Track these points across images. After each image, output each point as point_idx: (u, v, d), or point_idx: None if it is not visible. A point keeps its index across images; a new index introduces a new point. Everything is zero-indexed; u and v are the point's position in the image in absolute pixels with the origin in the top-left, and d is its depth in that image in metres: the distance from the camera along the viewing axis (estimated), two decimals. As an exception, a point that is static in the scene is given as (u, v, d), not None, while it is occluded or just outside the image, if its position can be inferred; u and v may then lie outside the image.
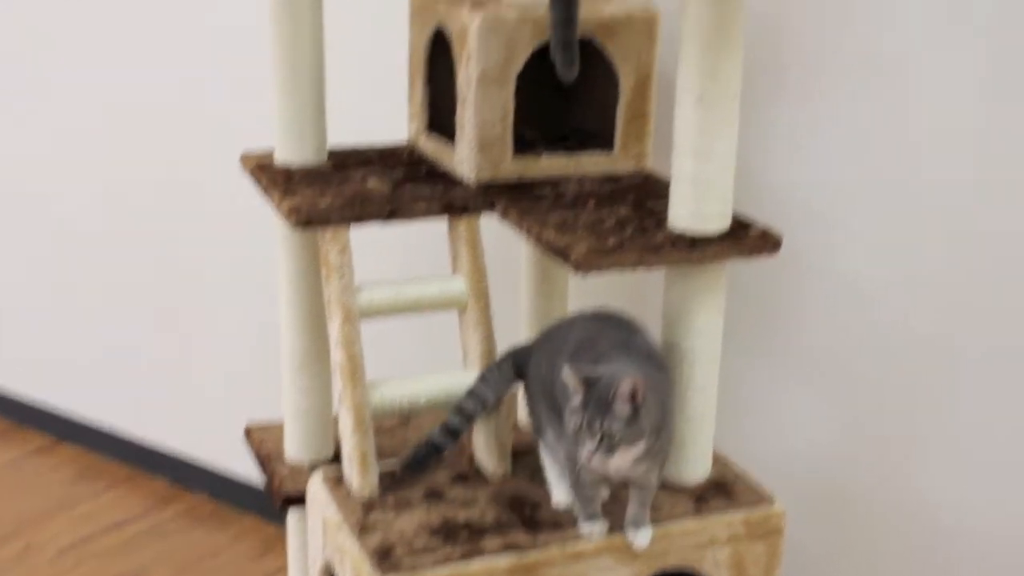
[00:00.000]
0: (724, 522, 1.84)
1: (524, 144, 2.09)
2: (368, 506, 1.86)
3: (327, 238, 1.93)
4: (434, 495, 1.89)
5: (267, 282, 2.31)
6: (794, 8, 2.13)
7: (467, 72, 1.99)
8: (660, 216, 1.85)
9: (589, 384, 1.59)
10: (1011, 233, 2.02)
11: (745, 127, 2.06)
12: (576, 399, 1.61)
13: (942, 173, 2.06)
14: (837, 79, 2.12)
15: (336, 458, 2.10)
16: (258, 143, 2.21)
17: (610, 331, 1.77)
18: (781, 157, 2.20)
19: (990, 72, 1.98)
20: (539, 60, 1.96)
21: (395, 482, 1.91)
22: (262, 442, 2.23)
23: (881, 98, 2.09)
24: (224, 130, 2.84)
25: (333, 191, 2.00)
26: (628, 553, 1.76)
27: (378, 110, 2.38)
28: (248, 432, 2.27)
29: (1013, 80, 1.96)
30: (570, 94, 2.13)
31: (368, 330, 1.95)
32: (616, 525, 1.76)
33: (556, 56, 1.81)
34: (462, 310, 1.98)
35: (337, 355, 1.90)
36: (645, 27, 2.03)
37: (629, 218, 1.87)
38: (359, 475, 1.89)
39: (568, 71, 1.82)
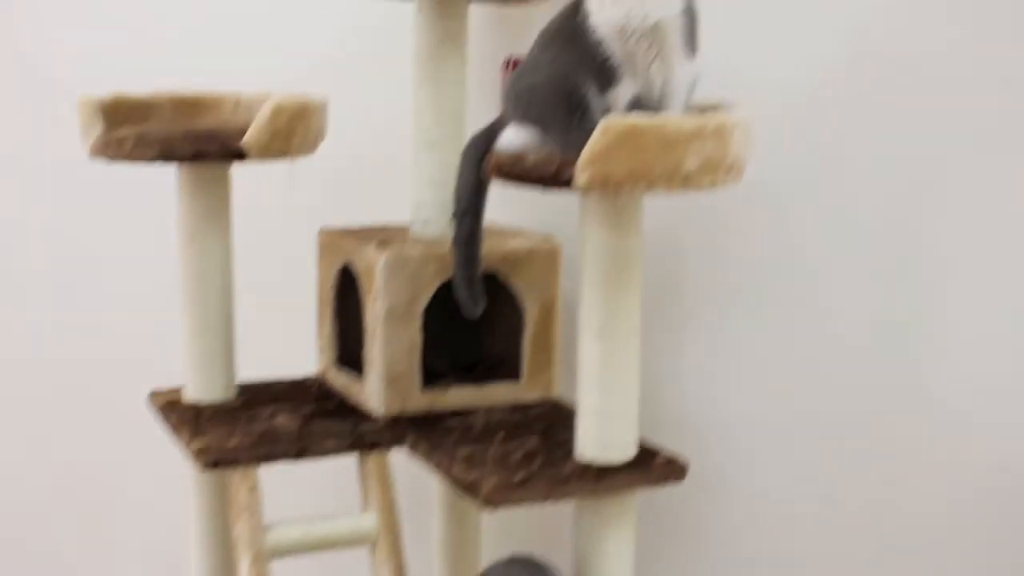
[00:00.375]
0: None
1: (432, 374, 2.11)
2: None
3: (236, 478, 1.92)
4: None
5: (175, 523, 2.27)
6: (694, 237, 2.21)
7: (374, 308, 2.02)
8: (568, 446, 1.87)
9: None
10: (908, 450, 2.07)
11: (650, 352, 2.10)
12: None
13: (839, 394, 2.12)
14: (738, 304, 2.19)
15: None
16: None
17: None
18: (688, 380, 2.25)
19: (878, 303, 2.07)
20: (446, 291, 2.01)
21: None
22: None
23: (781, 322, 2.16)
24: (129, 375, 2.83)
25: (242, 429, 1.99)
26: None
27: (288, 343, 2.40)
28: None
29: (899, 311, 2.05)
30: (477, 324, 2.17)
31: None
32: None
33: (460, 294, 1.86)
34: (373, 545, 1.97)
35: (246, 598, 1.86)
36: (548, 260, 2.09)
37: (537, 450, 1.88)
38: None
39: (472, 308, 1.87)
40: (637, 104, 1.66)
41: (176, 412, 2.10)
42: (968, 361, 2.04)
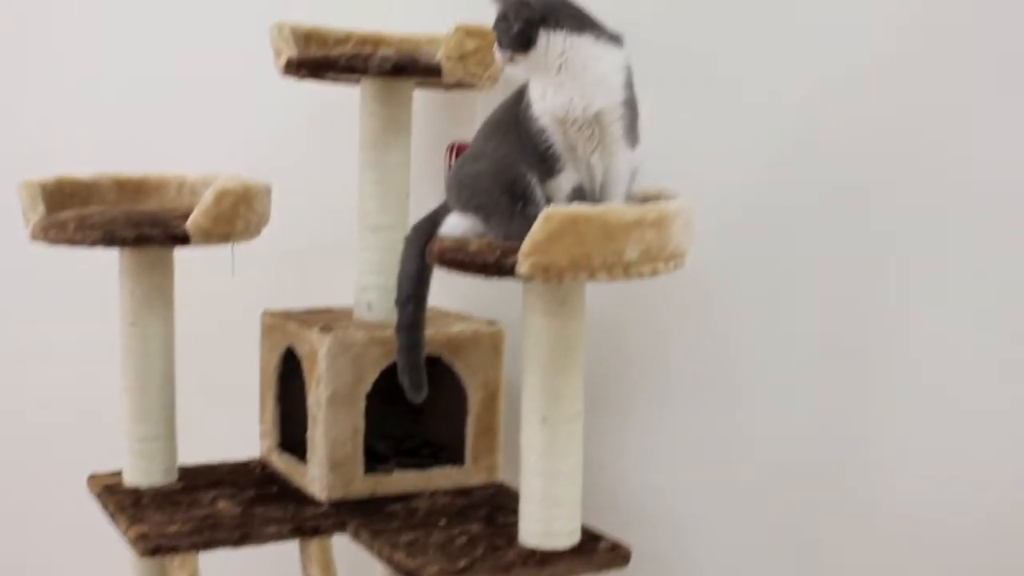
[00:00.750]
0: None
1: (376, 458, 2.10)
2: None
3: (175, 564, 1.89)
4: None
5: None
6: (634, 322, 2.23)
7: (317, 392, 2.01)
8: (511, 532, 1.86)
9: None
10: (852, 527, 2.08)
11: (592, 435, 2.11)
12: None
13: (781, 476, 2.13)
14: (679, 388, 2.21)
15: None
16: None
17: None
18: (630, 463, 2.25)
19: (817, 388, 2.09)
20: (389, 375, 2.00)
21: None
22: None
23: (723, 405, 2.17)
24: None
25: (182, 515, 1.96)
26: None
27: (231, 425, 2.38)
28: None
29: (837, 396, 2.07)
30: (420, 407, 2.16)
31: None
32: None
33: (404, 379, 1.85)
34: (315, 634, 1.95)
35: None
36: (491, 344, 2.10)
37: (480, 535, 1.88)
38: None
39: (416, 393, 1.86)
40: (579, 193, 1.68)
41: (115, 497, 2.07)
42: (908, 447, 2.06)
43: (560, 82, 1.65)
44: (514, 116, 1.72)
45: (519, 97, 1.73)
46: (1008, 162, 1.92)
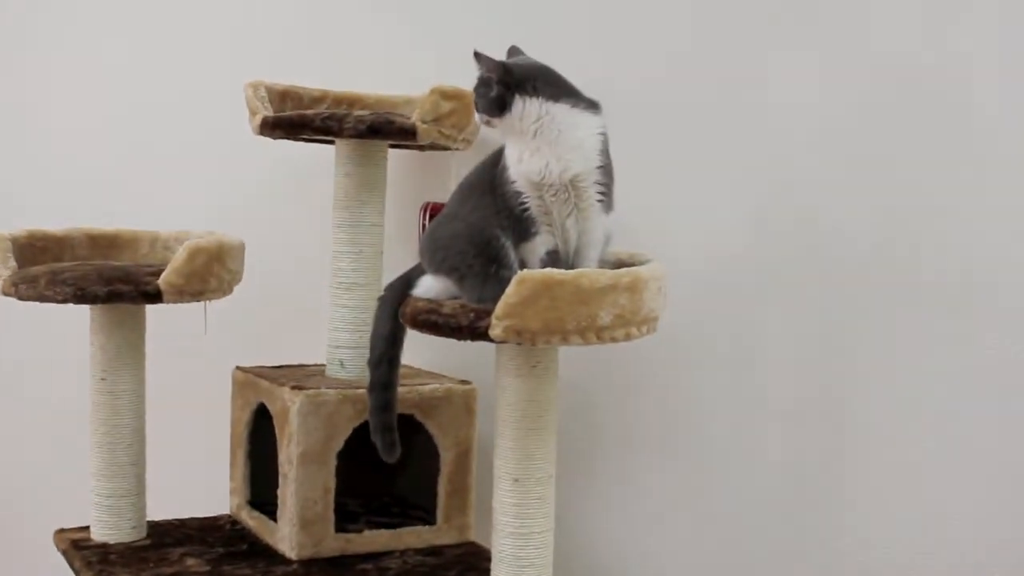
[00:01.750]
0: None
1: (346, 516, 2.10)
2: None
3: (142, 624, 1.88)
4: None
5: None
6: (609, 382, 2.24)
7: (288, 450, 2.01)
8: (482, 593, 1.86)
9: None
10: (822, 569, 2.09)
11: (562, 496, 2.11)
12: None
13: (750, 537, 2.14)
14: (649, 449, 2.22)
15: None
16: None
17: None
18: (600, 524, 2.26)
19: (788, 452, 2.10)
20: (361, 433, 2.00)
21: None
22: None
23: (693, 464, 2.18)
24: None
25: (150, 572, 1.95)
26: None
27: (200, 482, 2.37)
28: None
29: (808, 460, 2.08)
30: (392, 466, 2.15)
31: None
32: None
33: (376, 440, 1.85)
34: None
35: None
36: (464, 403, 2.10)
37: (451, 597, 1.87)
38: None
39: (389, 453, 1.86)
40: (553, 257, 1.69)
41: (81, 552, 2.05)
42: (877, 505, 2.07)
43: (536, 147, 1.66)
44: (490, 179, 1.73)
45: (495, 160, 1.74)
46: (977, 231, 1.95)
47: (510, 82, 1.67)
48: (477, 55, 1.68)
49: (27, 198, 2.64)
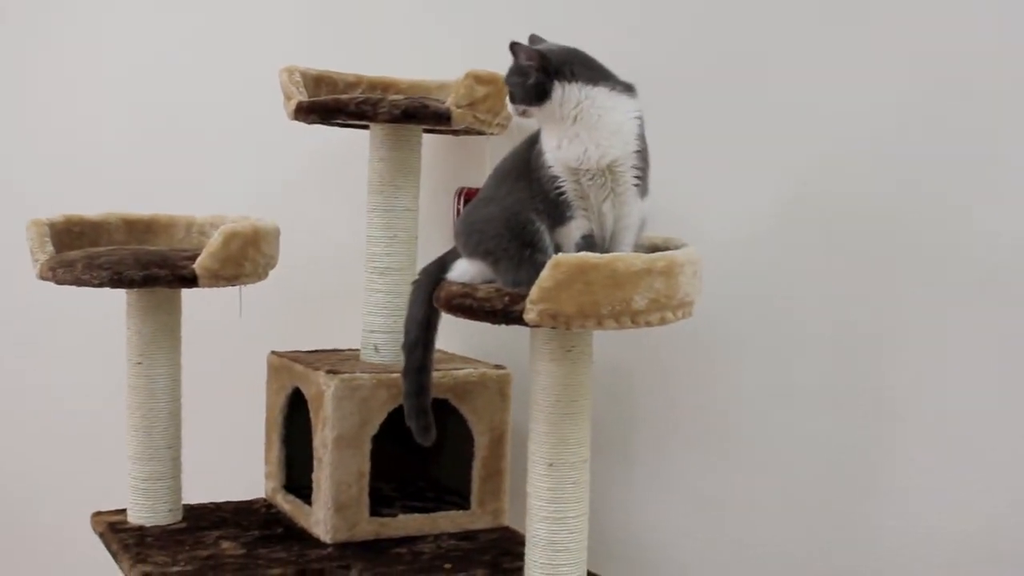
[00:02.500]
0: None
1: (381, 500, 2.10)
2: None
3: (179, 605, 1.89)
4: None
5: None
6: (642, 368, 2.23)
7: (323, 434, 2.01)
8: (517, 577, 1.87)
9: None
10: (857, 561, 2.08)
11: (599, 480, 2.11)
12: None
13: (787, 525, 2.13)
14: (686, 434, 2.21)
15: None
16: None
17: None
18: (636, 509, 2.25)
19: (824, 436, 2.09)
20: (395, 417, 2.01)
21: None
22: None
23: (727, 449, 2.18)
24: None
25: (186, 555, 1.96)
26: None
27: (235, 465, 2.38)
28: None
29: (843, 447, 2.07)
30: (426, 450, 2.16)
31: None
32: None
33: (411, 423, 1.85)
34: (318, 678, 1.94)
35: None
36: (498, 387, 2.10)
37: (486, 580, 1.88)
38: None
39: (424, 437, 1.86)
40: (588, 241, 1.68)
41: (118, 535, 2.07)
42: (912, 497, 2.06)
43: (575, 132, 1.65)
44: (525, 163, 1.73)
45: (531, 144, 1.73)
46: (1006, 226, 1.94)
47: (549, 69, 1.66)
48: (514, 45, 1.67)
49: (64, 183, 2.66)
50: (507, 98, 1.71)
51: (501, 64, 1.71)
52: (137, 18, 2.65)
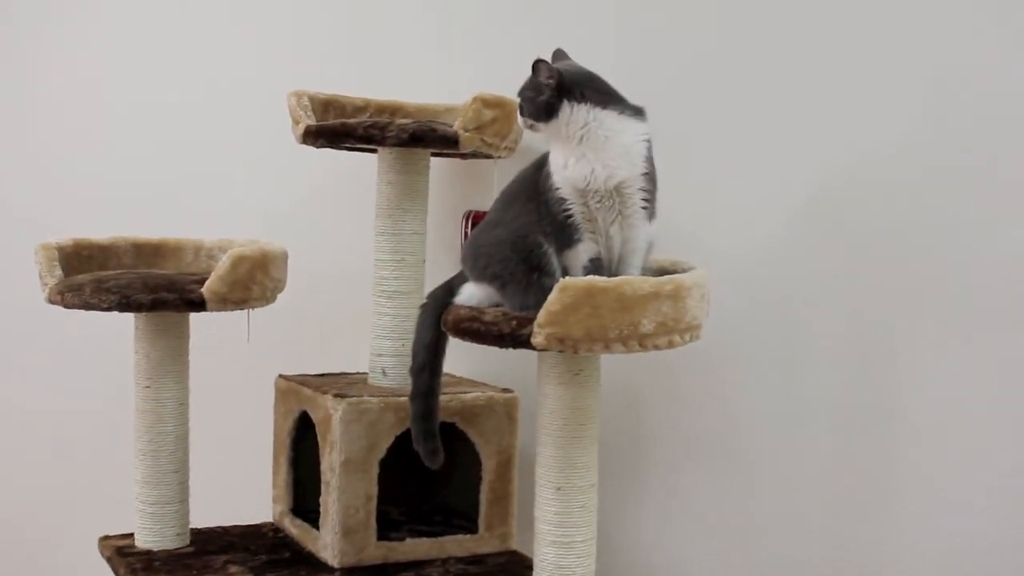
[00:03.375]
0: None
1: (388, 524, 2.10)
2: None
3: (186, 631, 1.89)
4: None
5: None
6: (651, 389, 2.23)
7: (331, 458, 2.01)
8: (524, 603, 1.86)
9: None
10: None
11: (608, 502, 2.10)
12: None
13: (796, 545, 2.12)
14: (695, 455, 2.20)
15: None
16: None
17: None
18: (645, 531, 2.25)
19: (831, 458, 2.08)
20: (403, 441, 2.00)
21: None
22: None
23: (735, 472, 2.17)
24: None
25: (193, 580, 1.96)
26: None
27: (243, 489, 2.38)
28: None
29: (853, 467, 2.06)
30: (434, 474, 2.16)
31: None
32: None
33: (418, 447, 1.85)
34: None
35: None
36: (505, 411, 2.09)
37: (493, 606, 1.87)
38: None
39: (432, 460, 1.86)
40: (596, 264, 1.68)
41: (126, 559, 2.06)
42: (919, 518, 2.05)
43: (582, 152, 1.66)
44: (533, 185, 1.73)
45: (538, 167, 1.74)
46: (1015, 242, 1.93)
47: (561, 87, 1.67)
48: (538, 63, 1.67)
49: (73, 207, 2.67)
50: (517, 113, 1.72)
51: (508, 88, 1.72)
52: (147, 43, 2.66)
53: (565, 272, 1.69)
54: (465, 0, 2.38)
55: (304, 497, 2.18)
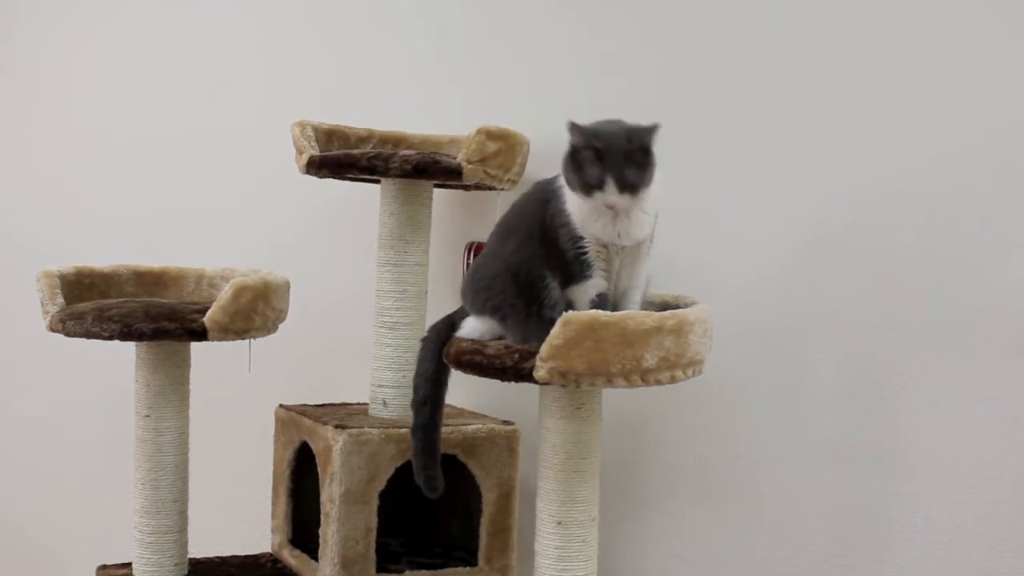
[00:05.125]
0: None
1: (388, 556, 2.09)
2: None
3: (183, 663, 1.88)
4: None
5: None
6: (653, 423, 2.22)
7: (331, 489, 2.00)
8: (524, 637, 1.85)
9: None
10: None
11: (610, 534, 2.10)
12: None
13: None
14: (697, 490, 2.19)
15: None
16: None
17: None
18: (647, 568, 2.23)
19: (833, 494, 2.08)
20: (404, 472, 1.99)
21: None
22: None
23: (739, 506, 2.16)
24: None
25: (191, 611, 1.95)
26: None
27: (242, 519, 2.37)
28: None
29: (852, 502, 2.06)
30: (435, 504, 2.15)
31: None
32: None
33: (419, 481, 1.84)
34: None
35: None
36: (506, 444, 2.09)
37: (493, 640, 1.86)
38: None
39: (432, 492, 1.85)
40: (603, 299, 1.68)
41: (124, 590, 2.06)
42: (926, 549, 2.04)
43: (626, 212, 1.65)
44: (537, 221, 1.71)
45: (540, 201, 1.72)
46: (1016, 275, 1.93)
47: (648, 150, 1.65)
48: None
49: (75, 235, 2.67)
50: (622, 190, 1.62)
51: (511, 120, 1.72)
52: (150, 72, 2.67)
53: (569, 306, 1.68)
54: (469, 32, 2.39)
55: (303, 528, 2.17)
